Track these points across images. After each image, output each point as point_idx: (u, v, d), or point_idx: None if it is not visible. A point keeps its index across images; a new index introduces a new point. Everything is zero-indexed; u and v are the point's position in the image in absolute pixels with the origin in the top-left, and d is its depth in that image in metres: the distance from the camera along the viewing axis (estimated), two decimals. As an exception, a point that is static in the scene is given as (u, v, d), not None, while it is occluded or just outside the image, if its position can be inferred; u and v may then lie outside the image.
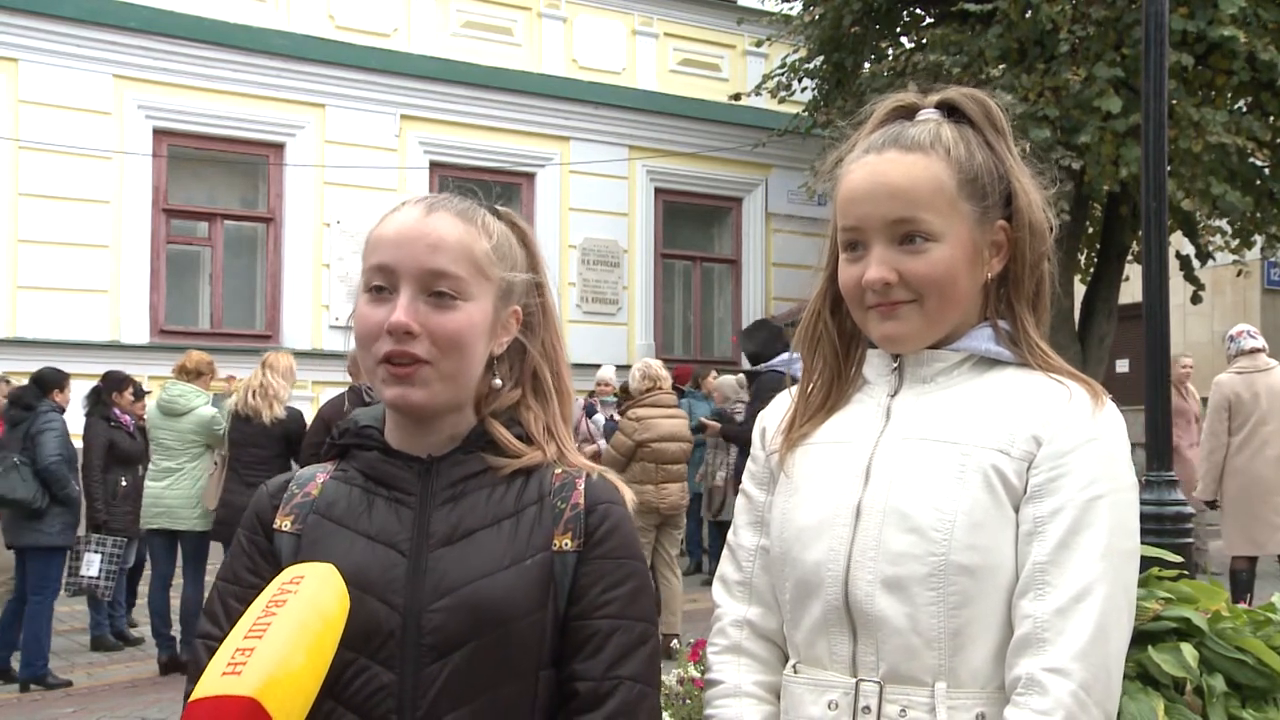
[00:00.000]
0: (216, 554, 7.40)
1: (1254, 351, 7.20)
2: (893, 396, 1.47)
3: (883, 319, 1.43)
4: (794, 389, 1.58)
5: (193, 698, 1.22)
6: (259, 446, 7.01)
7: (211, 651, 1.28)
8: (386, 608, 1.35)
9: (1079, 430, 1.36)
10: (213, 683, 1.21)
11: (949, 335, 1.45)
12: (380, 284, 1.40)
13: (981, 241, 1.43)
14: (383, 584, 1.36)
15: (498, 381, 1.48)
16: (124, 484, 7.63)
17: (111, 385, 7.83)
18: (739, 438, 8.17)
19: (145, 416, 7.74)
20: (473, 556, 1.38)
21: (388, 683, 1.34)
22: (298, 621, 1.26)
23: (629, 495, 1.50)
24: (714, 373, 11.47)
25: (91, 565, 7.26)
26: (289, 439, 7.05)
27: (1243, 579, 6.97)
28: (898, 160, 1.42)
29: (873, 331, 1.46)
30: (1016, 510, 1.35)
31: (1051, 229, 1.47)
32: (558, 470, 1.46)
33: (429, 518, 1.41)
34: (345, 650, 1.33)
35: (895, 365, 1.48)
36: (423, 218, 1.42)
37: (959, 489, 1.35)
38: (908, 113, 1.49)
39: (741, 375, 10.12)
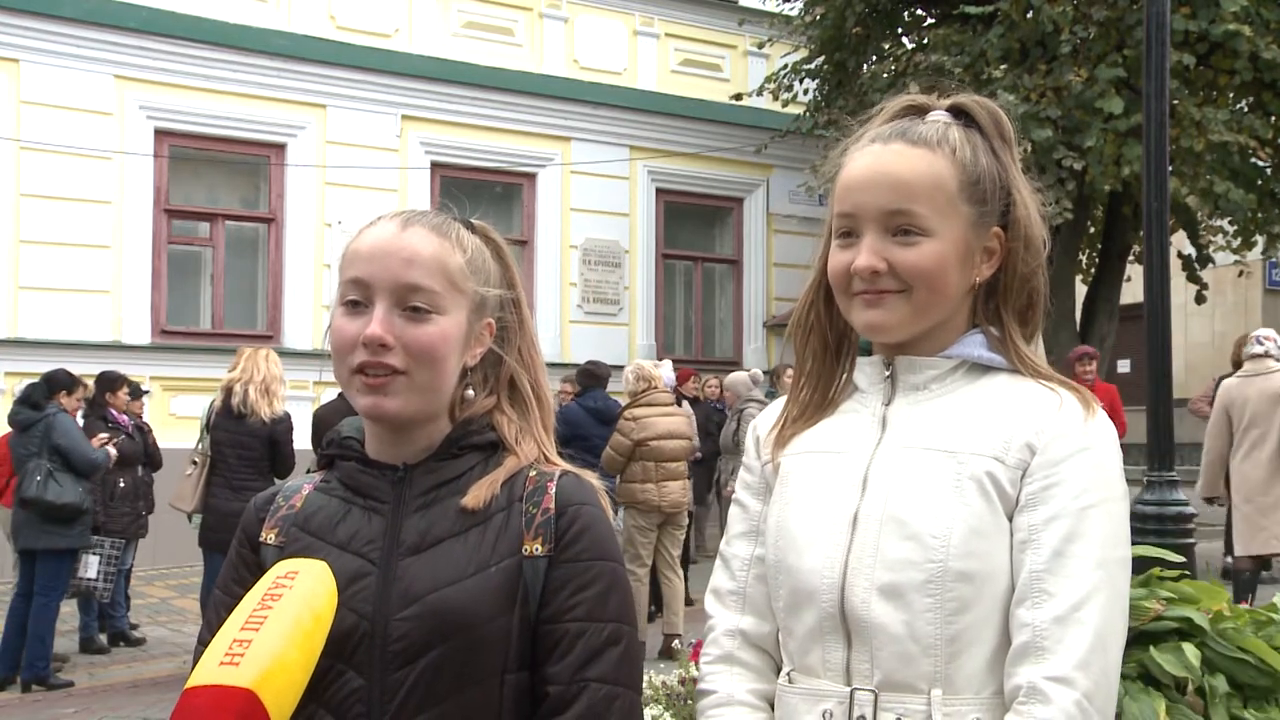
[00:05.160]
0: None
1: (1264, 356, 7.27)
2: (887, 405, 1.46)
3: (867, 307, 1.43)
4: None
5: (190, 684, 1.23)
6: (247, 448, 6.79)
7: None
8: (355, 615, 1.37)
9: (1071, 439, 1.36)
10: (210, 671, 1.22)
11: (930, 332, 1.45)
12: (356, 298, 1.43)
13: (975, 245, 1.43)
14: (352, 592, 1.38)
15: (470, 393, 1.50)
16: (122, 484, 7.60)
17: (105, 385, 7.76)
18: None
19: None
20: (439, 565, 1.39)
21: (358, 687, 1.37)
22: (292, 616, 1.28)
23: (604, 497, 1.50)
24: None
25: (90, 567, 7.18)
26: (274, 442, 6.83)
27: (1244, 579, 7.02)
28: (903, 152, 1.42)
29: (856, 319, 1.45)
30: (1010, 518, 1.36)
31: (1046, 245, 1.48)
32: (531, 474, 1.47)
33: (400, 526, 1.42)
34: (324, 656, 1.36)
35: (888, 373, 1.47)
36: (398, 233, 1.45)
37: (956, 497, 1.35)
38: (919, 112, 1.50)
39: (756, 371, 10.03)
